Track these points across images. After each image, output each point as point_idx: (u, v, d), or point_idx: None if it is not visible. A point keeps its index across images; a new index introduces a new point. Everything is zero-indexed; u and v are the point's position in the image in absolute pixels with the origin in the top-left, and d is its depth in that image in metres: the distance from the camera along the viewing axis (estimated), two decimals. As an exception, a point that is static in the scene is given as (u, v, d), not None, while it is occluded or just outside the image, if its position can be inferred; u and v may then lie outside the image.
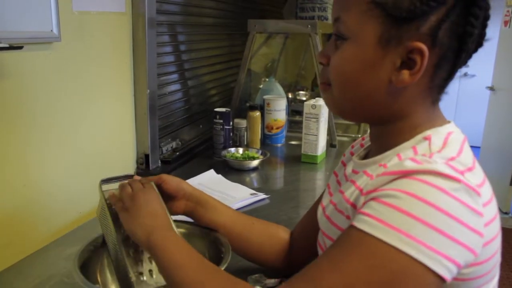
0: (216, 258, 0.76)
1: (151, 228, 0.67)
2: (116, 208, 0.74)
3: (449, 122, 0.63)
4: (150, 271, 0.70)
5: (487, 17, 0.58)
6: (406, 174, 0.52)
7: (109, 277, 0.78)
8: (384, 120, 0.64)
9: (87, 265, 0.74)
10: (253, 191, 1.36)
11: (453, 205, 0.49)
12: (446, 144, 0.57)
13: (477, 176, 0.55)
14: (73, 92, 1.17)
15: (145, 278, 0.69)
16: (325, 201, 0.74)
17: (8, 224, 1.01)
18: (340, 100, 0.65)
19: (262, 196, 1.34)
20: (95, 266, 0.77)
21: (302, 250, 0.84)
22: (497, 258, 0.58)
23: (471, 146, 0.59)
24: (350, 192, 0.63)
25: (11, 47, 0.92)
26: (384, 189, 0.53)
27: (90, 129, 1.26)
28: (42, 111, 1.08)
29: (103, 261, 0.79)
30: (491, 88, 4.21)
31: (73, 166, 1.20)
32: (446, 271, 0.49)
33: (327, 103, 0.69)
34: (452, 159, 0.54)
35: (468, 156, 0.57)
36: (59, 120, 1.13)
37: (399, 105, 0.61)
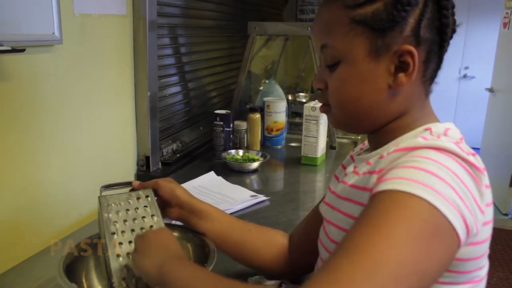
0: (202, 262, 0.76)
1: (161, 259, 0.63)
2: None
3: (449, 122, 0.66)
4: (134, 277, 0.71)
5: (453, 6, 0.63)
6: (419, 148, 0.56)
7: (95, 279, 0.79)
8: (387, 123, 0.66)
9: (73, 266, 0.75)
10: (253, 193, 1.37)
11: (462, 172, 0.53)
12: (447, 135, 0.61)
13: (479, 162, 0.57)
14: (74, 94, 1.18)
15: (126, 283, 0.70)
16: (327, 197, 0.75)
17: (10, 226, 1.02)
18: (344, 119, 0.68)
19: (262, 198, 1.34)
20: (81, 268, 0.77)
21: (304, 253, 0.84)
22: (488, 245, 0.60)
23: (471, 148, 0.61)
24: (355, 180, 0.65)
25: (13, 50, 0.92)
26: (400, 160, 0.55)
27: (91, 131, 1.26)
28: (43, 113, 1.08)
29: (90, 263, 0.79)
30: (491, 90, 4.22)
31: (75, 168, 1.21)
32: (462, 233, 0.50)
33: (330, 122, 0.72)
34: (457, 142, 0.58)
35: (468, 147, 0.60)
36: (60, 122, 1.14)
37: (399, 105, 0.64)
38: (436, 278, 0.52)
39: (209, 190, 1.39)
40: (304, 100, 2.44)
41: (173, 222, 0.89)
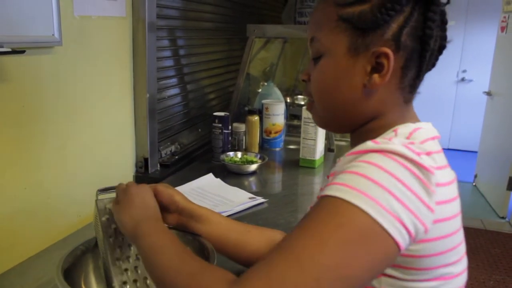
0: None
1: (139, 218, 0.69)
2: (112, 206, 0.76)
3: (426, 122, 0.68)
4: (135, 280, 0.71)
5: (445, 22, 0.65)
6: (367, 151, 0.58)
7: (94, 282, 0.79)
8: (363, 123, 0.69)
9: (72, 270, 0.75)
10: (252, 195, 1.37)
11: (405, 174, 0.54)
12: (411, 136, 0.63)
13: (434, 161, 0.59)
14: (73, 95, 1.18)
15: (128, 287, 0.70)
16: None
17: (9, 227, 1.02)
18: (322, 112, 0.71)
19: (260, 200, 1.34)
20: (79, 271, 0.77)
21: None
22: (458, 242, 0.61)
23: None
24: (324, 184, 0.67)
25: (13, 51, 0.93)
26: (349, 165, 0.58)
27: (89, 132, 1.26)
28: (42, 115, 1.08)
29: (88, 266, 0.79)
30: (488, 93, 4.24)
31: (73, 170, 1.21)
32: (399, 236, 0.52)
33: (314, 120, 0.75)
34: (411, 143, 0.58)
35: (430, 146, 0.61)
36: (59, 123, 1.14)
37: (374, 106, 0.66)
38: (367, 282, 0.54)
39: (207, 192, 1.40)
40: (302, 103, 2.45)
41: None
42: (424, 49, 0.63)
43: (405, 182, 0.54)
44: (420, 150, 0.57)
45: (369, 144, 0.59)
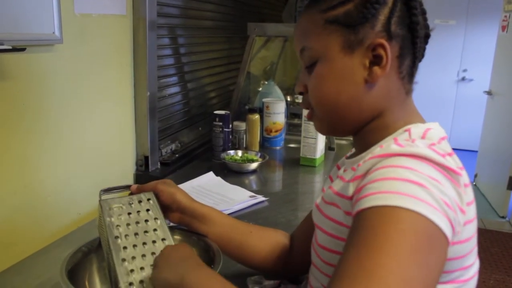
0: (208, 265, 0.75)
1: (183, 271, 0.63)
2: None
3: (433, 123, 0.67)
4: (141, 281, 0.70)
5: (424, 11, 0.67)
6: (393, 155, 0.56)
7: (98, 283, 0.78)
8: (367, 122, 0.68)
9: (76, 270, 0.74)
10: (252, 194, 1.37)
11: (439, 176, 0.54)
12: (426, 136, 0.62)
13: (456, 162, 0.59)
14: (74, 94, 1.18)
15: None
16: (319, 199, 0.76)
17: (8, 225, 1.02)
18: (326, 118, 0.70)
19: (261, 198, 1.34)
20: (83, 272, 0.77)
21: (305, 253, 0.85)
22: (473, 245, 0.61)
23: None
24: (340, 186, 0.66)
25: (14, 49, 0.92)
26: (375, 169, 0.56)
27: (90, 131, 1.26)
28: (43, 113, 1.08)
29: (92, 267, 0.79)
30: (489, 93, 4.23)
31: (73, 168, 1.21)
32: (449, 233, 0.51)
33: (316, 128, 0.73)
34: (432, 144, 0.58)
35: (447, 147, 0.61)
36: (60, 121, 1.14)
37: (378, 99, 0.66)
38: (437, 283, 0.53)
39: (208, 190, 1.40)
40: (303, 101, 2.44)
41: (171, 224, 0.89)
42: (414, 35, 0.65)
43: (442, 183, 0.53)
44: (443, 152, 0.57)
45: (394, 147, 0.58)
